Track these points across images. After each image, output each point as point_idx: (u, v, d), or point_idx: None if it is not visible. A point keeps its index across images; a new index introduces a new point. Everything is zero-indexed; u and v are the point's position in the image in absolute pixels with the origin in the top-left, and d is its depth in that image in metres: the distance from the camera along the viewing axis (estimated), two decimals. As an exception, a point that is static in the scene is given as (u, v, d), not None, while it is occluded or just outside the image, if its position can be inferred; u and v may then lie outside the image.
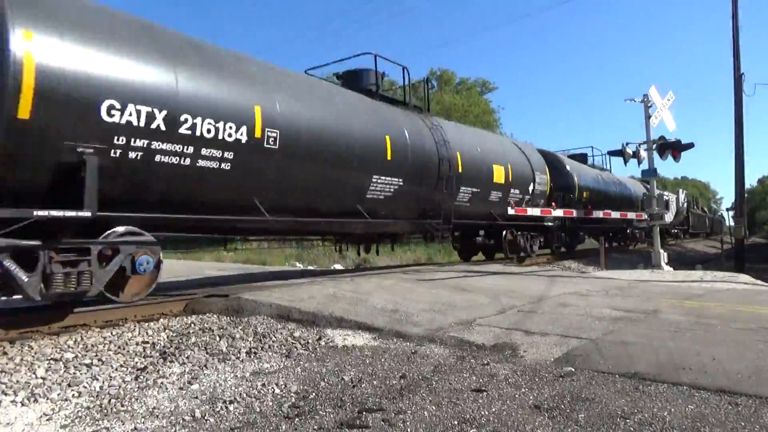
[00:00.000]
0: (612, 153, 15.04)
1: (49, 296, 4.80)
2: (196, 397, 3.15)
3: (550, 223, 14.03)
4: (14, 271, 4.52)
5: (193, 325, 5.20)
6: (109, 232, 5.34)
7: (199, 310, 5.99)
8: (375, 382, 3.37)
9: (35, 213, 4.64)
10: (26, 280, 4.58)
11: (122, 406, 3.01)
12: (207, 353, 4.19)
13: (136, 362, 3.96)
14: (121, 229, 5.43)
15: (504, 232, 12.94)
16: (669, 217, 14.56)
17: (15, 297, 4.93)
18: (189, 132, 5.78)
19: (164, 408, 2.97)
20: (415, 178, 9.53)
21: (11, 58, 4.48)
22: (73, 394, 3.22)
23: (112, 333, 4.85)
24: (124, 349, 4.33)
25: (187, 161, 5.84)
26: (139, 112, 5.32)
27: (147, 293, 5.85)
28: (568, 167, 15.82)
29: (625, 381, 3.33)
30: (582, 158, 19.50)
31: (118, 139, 5.22)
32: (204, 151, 5.98)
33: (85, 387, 3.35)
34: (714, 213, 45.10)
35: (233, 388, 3.33)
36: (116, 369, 3.77)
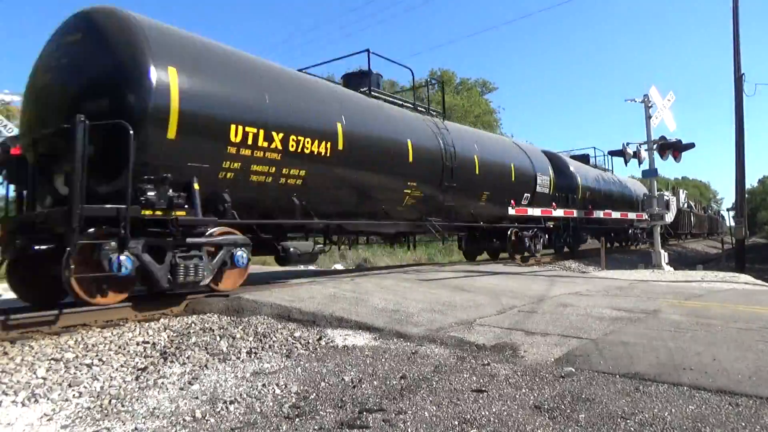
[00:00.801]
0: (613, 153, 15.05)
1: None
2: (197, 398, 3.15)
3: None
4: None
5: (193, 325, 5.21)
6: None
7: (199, 310, 5.99)
8: (375, 383, 3.37)
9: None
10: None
11: (123, 406, 3.01)
12: (207, 353, 4.19)
13: (137, 362, 3.96)
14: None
15: (509, 232, 12.99)
16: (669, 217, 14.55)
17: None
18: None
19: (165, 408, 2.97)
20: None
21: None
22: (74, 395, 3.22)
23: (112, 333, 4.85)
24: (124, 349, 4.33)
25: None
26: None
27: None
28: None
29: (625, 381, 3.33)
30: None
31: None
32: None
33: (85, 387, 3.36)
34: (707, 211, 44.34)
35: (234, 388, 3.33)
36: (117, 369, 3.77)
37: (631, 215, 17.07)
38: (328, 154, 7.71)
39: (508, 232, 13.05)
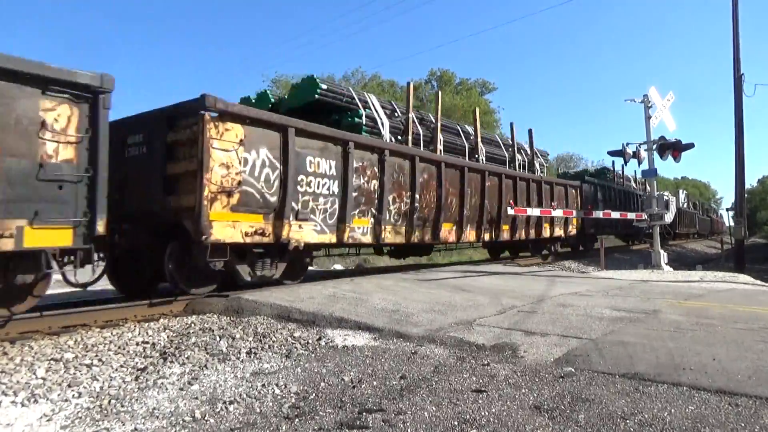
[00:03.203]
0: (612, 153, 15.00)
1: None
2: (196, 398, 3.15)
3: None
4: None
5: (193, 325, 5.21)
6: None
7: (199, 310, 5.99)
8: (375, 383, 3.37)
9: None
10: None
11: (122, 406, 3.01)
12: (207, 353, 4.19)
13: (136, 362, 3.96)
14: None
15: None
16: (669, 217, 14.55)
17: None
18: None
19: (164, 408, 2.97)
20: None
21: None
22: (73, 395, 3.22)
23: (112, 333, 4.85)
24: (124, 349, 4.33)
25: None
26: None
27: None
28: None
29: (625, 381, 3.33)
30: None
31: None
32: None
33: (85, 387, 3.35)
34: (699, 209, 43.84)
35: (233, 388, 3.33)
36: (116, 369, 3.77)
37: (630, 215, 17.14)
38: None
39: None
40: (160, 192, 6.39)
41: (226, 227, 6.28)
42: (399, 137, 10.79)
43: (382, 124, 10.36)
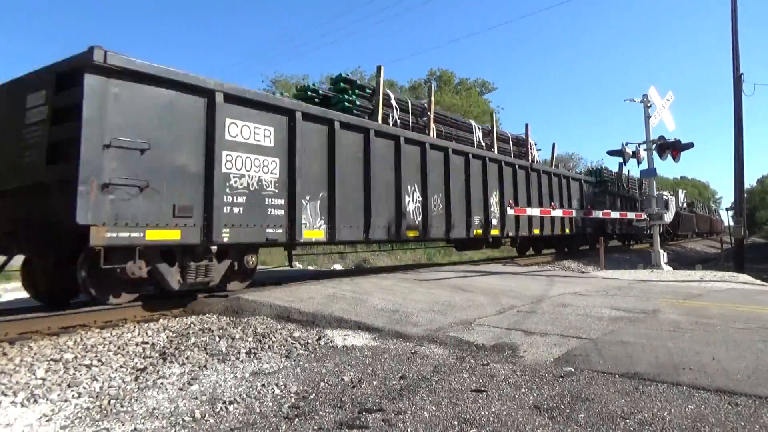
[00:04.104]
0: (611, 153, 15.02)
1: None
2: (196, 398, 3.15)
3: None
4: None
5: (192, 325, 5.21)
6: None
7: (198, 311, 5.99)
8: (375, 383, 3.37)
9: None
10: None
11: (122, 406, 3.01)
12: (207, 354, 4.19)
13: (136, 363, 3.96)
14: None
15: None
16: (669, 217, 14.56)
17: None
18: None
19: (164, 409, 2.97)
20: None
21: None
22: (73, 395, 3.21)
23: (111, 333, 4.85)
24: (123, 349, 4.32)
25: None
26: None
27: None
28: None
29: (624, 381, 3.33)
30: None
31: None
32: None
33: (84, 388, 3.35)
34: (697, 208, 43.46)
35: (233, 388, 3.32)
36: (116, 370, 3.77)
37: (630, 215, 17.17)
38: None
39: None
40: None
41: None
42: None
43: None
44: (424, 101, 11.91)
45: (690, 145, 13.86)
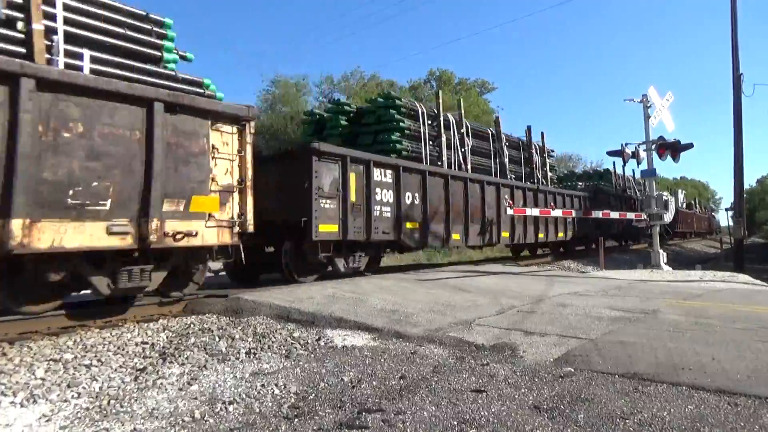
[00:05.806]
0: (611, 153, 15.03)
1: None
2: (196, 398, 3.15)
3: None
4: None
5: (192, 325, 5.20)
6: None
7: (198, 311, 5.99)
8: (374, 383, 3.37)
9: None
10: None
11: (121, 407, 3.01)
12: (206, 354, 4.19)
13: (136, 363, 3.96)
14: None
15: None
16: (668, 217, 14.56)
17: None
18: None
19: (164, 409, 2.97)
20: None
21: None
22: (73, 395, 3.21)
23: (111, 333, 4.85)
24: (123, 349, 4.32)
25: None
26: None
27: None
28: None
29: (624, 381, 3.33)
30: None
31: None
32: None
33: (84, 388, 3.35)
34: (695, 208, 43.28)
35: (233, 388, 3.32)
36: (115, 370, 3.77)
37: (630, 215, 17.20)
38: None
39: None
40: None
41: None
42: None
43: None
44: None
45: (689, 146, 13.85)
